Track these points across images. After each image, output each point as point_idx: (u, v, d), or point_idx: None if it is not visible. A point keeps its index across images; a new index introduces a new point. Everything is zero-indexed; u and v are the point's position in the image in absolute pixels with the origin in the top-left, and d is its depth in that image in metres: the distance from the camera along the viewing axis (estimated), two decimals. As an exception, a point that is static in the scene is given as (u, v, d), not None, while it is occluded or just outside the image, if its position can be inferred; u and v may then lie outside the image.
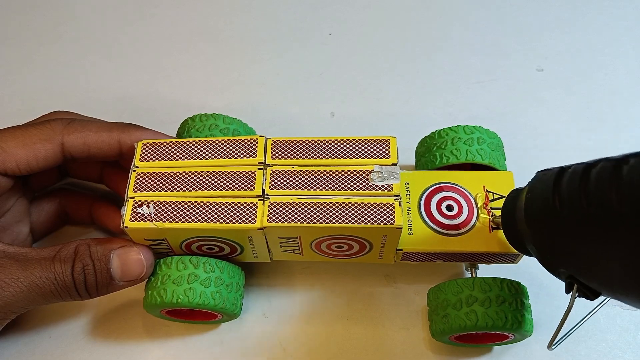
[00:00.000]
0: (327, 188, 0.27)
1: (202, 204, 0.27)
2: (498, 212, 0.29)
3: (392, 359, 0.31)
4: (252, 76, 0.41)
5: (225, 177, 0.28)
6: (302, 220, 0.26)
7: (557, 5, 0.44)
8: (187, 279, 0.28)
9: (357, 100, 0.40)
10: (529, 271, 0.32)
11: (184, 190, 0.28)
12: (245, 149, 0.29)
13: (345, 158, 0.28)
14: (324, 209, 0.27)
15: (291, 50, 0.42)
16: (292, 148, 0.29)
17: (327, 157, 0.28)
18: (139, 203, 0.27)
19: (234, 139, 0.29)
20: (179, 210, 0.27)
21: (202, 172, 0.28)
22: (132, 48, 0.43)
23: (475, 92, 0.40)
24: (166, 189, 0.28)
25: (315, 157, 0.28)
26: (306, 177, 0.28)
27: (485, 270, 0.31)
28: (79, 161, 0.31)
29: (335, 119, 0.39)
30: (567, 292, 0.22)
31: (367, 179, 0.27)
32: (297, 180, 0.28)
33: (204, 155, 0.29)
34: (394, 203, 0.27)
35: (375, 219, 0.26)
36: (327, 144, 0.29)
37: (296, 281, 0.33)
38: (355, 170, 0.28)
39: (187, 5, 0.45)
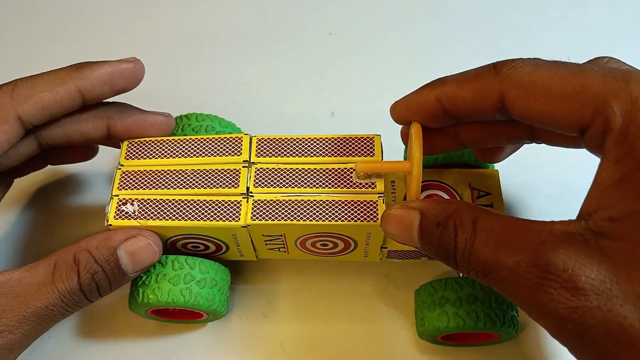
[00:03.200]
0: (311, 186, 0.27)
1: (186, 201, 0.27)
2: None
3: (391, 359, 0.30)
4: (252, 76, 0.41)
5: (209, 175, 0.28)
6: (286, 218, 0.26)
7: (558, 5, 0.44)
8: (156, 278, 0.28)
9: (357, 100, 0.40)
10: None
11: (169, 188, 0.28)
12: (230, 147, 0.29)
13: (329, 156, 0.28)
14: (308, 207, 0.27)
15: (291, 50, 0.42)
16: (276, 146, 0.29)
17: (311, 155, 0.28)
18: (123, 201, 0.27)
19: (219, 137, 0.29)
20: (163, 208, 0.27)
21: (186, 170, 0.28)
22: (132, 48, 0.43)
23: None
24: (151, 187, 0.28)
25: (299, 155, 0.28)
26: (290, 174, 0.28)
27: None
28: (47, 134, 0.28)
29: (335, 118, 0.39)
30: None
31: (351, 177, 0.27)
32: (281, 178, 0.28)
33: (189, 153, 0.29)
34: (377, 201, 0.26)
35: (358, 217, 0.26)
36: (311, 141, 0.28)
37: (295, 281, 0.33)
38: (339, 168, 0.28)
39: (187, 5, 0.45)
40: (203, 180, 0.28)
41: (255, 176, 0.28)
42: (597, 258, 0.18)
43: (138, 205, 0.27)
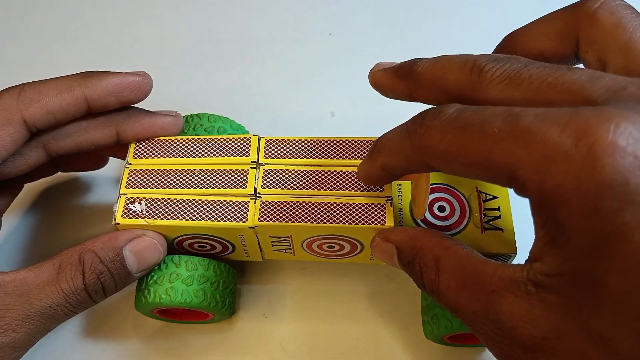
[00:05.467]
0: (318, 188, 0.27)
1: (194, 201, 0.27)
2: (491, 213, 0.29)
3: (392, 359, 0.31)
4: (252, 76, 0.41)
5: (217, 176, 0.28)
6: (293, 220, 0.26)
7: (559, 6, 0.44)
8: (169, 278, 0.28)
9: (357, 100, 0.40)
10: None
11: (177, 188, 0.28)
12: (238, 148, 0.29)
13: (337, 158, 0.28)
14: (316, 209, 0.27)
15: (291, 50, 0.42)
16: (284, 147, 0.29)
17: (319, 157, 0.28)
18: (131, 200, 0.27)
19: (227, 138, 0.29)
20: (170, 208, 0.27)
21: (194, 170, 0.28)
22: (132, 48, 0.43)
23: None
24: (159, 186, 0.28)
25: (307, 156, 0.28)
26: (298, 176, 0.28)
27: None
28: (54, 140, 0.28)
29: (335, 119, 0.39)
30: None
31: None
32: (289, 180, 0.28)
33: (197, 153, 0.29)
34: (385, 204, 0.27)
35: (366, 220, 0.26)
36: (319, 144, 0.29)
37: (296, 281, 0.33)
38: (347, 171, 0.28)
39: (187, 6, 0.45)
40: (211, 180, 0.28)
41: (263, 177, 0.28)
42: (539, 312, 0.18)
43: (146, 204, 0.27)
